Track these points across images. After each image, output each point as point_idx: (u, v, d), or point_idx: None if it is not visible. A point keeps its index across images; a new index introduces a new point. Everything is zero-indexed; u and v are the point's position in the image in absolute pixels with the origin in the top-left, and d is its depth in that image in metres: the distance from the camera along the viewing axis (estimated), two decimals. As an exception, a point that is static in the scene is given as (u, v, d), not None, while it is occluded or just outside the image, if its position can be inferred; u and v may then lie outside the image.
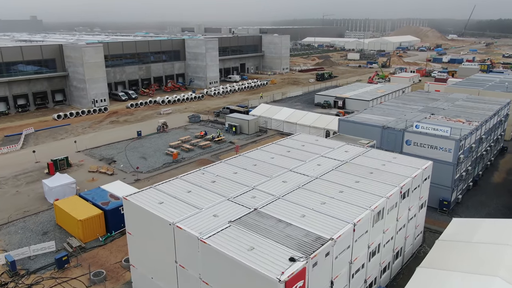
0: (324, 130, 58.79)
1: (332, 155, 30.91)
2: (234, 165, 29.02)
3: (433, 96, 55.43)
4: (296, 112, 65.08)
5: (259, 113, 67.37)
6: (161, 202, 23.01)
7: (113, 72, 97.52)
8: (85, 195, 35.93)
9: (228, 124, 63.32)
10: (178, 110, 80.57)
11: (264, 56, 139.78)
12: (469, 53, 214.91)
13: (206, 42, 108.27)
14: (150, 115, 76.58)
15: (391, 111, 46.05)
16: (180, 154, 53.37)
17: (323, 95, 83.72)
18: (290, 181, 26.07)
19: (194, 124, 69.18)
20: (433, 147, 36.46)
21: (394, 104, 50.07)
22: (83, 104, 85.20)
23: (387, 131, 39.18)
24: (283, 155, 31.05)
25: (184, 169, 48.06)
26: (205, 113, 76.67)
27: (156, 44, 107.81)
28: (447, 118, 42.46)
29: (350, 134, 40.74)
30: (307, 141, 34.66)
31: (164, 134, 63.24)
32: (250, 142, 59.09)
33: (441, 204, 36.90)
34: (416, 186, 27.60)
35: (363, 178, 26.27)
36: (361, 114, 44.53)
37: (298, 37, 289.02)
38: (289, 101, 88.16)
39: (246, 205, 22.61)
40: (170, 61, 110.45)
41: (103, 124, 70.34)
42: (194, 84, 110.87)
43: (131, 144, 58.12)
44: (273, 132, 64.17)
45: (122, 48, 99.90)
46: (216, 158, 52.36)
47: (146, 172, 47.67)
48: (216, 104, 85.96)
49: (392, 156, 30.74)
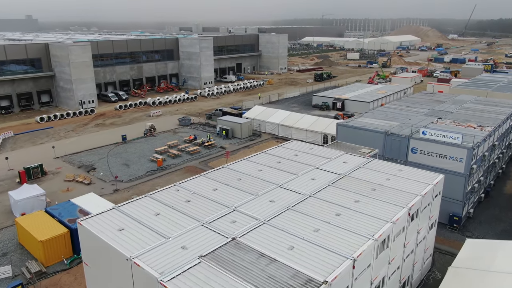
0: (322, 134, 54.89)
1: (328, 167, 27.00)
2: (214, 180, 25.11)
3: (439, 98, 51.54)
4: (292, 115, 61.18)
5: (252, 116, 63.47)
6: (121, 229, 19.11)
7: (103, 72, 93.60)
8: (52, 210, 32.00)
9: (219, 128, 59.40)
10: (169, 112, 76.65)
11: (261, 56, 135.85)
12: (471, 52, 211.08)
13: (200, 41, 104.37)
14: (139, 118, 72.66)
15: (394, 115, 42.16)
16: (166, 160, 49.46)
17: (321, 96, 79.84)
18: (278, 200, 22.16)
19: (184, 127, 65.26)
20: (442, 156, 32.56)
21: (397, 107, 46.17)
22: (70, 106, 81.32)
23: (390, 137, 35.29)
24: (272, 167, 27.14)
25: (169, 178, 44.22)
26: (197, 116, 72.77)
27: (149, 43, 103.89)
28: (456, 122, 38.57)
29: (350, 140, 36.89)
30: (300, 149, 30.76)
31: (151, 138, 59.30)
32: (242, 147, 55.19)
33: (451, 220, 33.01)
34: (426, 205, 23.71)
35: (364, 197, 22.37)
36: (361, 118, 40.63)
37: (297, 36, 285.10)
38: (285, 103, 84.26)
39: (224, 232, 18.71)
40: (163, 61, 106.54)
41: (87, 127, 66.40)
42: (188, 85, 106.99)
43: (114, 149, 54.19)
44: (268, 136, 60.27)
45: (112, 47, 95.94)
46: (204, 165, 48.46)
47: (127, 181, 43.74)
48: (209, 106, 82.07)
49: (397, 168, 26.82)
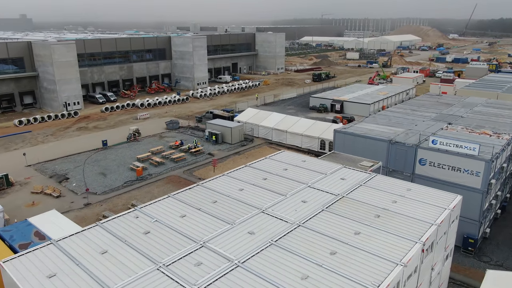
0: (318, 140, 50.55)
1: (323, 185, 22.65)
2: (185, 203, 20.79)
3: (446, 100, 47.22)
4: (287, 118, 56.82)
5: (245, 119, 59.11)
6: (52, 275, 14.77)
7: (91, 72, 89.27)
8: (3, 232, 27.57)
9: (208, 132, 55.05)
10: (158, 115, 72.29)
11: (257, 55, 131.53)
12: (473, 52, 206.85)
13: (193, 39, 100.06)
14: (125, 120, 68.30)
15: (398, 120, 37.81)
16: (148, 169, 45.10)
17: (319, 97, 75.51)
18: (259, 231, 17.81)
19: (172, 131, 60.89)
20: (455, 169, 28.23)
21: (402, 111, 41.82)
22: (54, 108, 77.06)
23: (395, 147, 30.95)
24: (256, 186, 22.78)
25: (148, 190, 39.88)
26: (187, 118, 68.43)
27: (139, 41, 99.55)
28: (468, 129, 34.23)
29: (349, 149, 32.59)
30: (291, 162, 26.38)
31: (135, 143, 54.95)
32: (233, 153, 50.84)
33: (466, 242, 28.69)
34: (442, 234, 19.39)
35: (366, 227, 18.03)
36: (361, 124, 36.28)
37: (295, 36, 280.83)
38: (281, 104, 79.95)
39: (183, 281, 14.37)
40: (155, 60, 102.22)
41: (68, 131, 62.03)
42: (180, 85, 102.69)
43: (93, 156, 49.84)
44: (260, 141, 55.91)
45: (101, 46, 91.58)
46: (189, 174, 44.11)
47: (101, 193, 39.37)
48: (201, 108, 77.74)
49: (404, 187, 22.47)
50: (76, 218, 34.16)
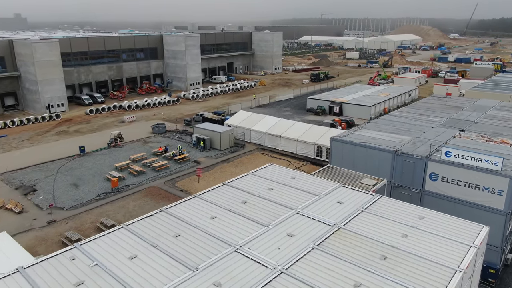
0: (315, 146, 46.24)
1: (315, 211, 18.37)
2: (136, 235, 16.38)
3: (455, 103, 42.92)
4: (281, 122, 52.49)
5: (236, 123, 54.80)
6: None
7: (77, 72, 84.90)
8: None
9: (195, 137, 50.73)
10: (145, 117, 67.97)
11: (254, 55, 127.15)
12: (475, 52, 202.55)
13: (186, 38, 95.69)
14: (110, 124, 63.97)
15: (404, 126, 33.51)
16: (126, 179, 40.79)
17: (316, 99, 71.17)
18: (228, 281, 13.52)
19: (158, 135, 56.57)
20: (473, 186, 23.94)
21: (407, 115, 37.52)
22: (37, 110, 72.73)
23: (401, 158, 26.65)
24: (233, 212, 18.48)
25: (122, 204, 35.58)
26: (176, 121, 64.11)
27: (129, 40, 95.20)
28: (484, 137, 29.94)
29: (347, 160, 28.36)
30: (279, 179, 22.10)
31: (116, 149, 50.64)
32: (221, 161, 46.51)
33: (485, 273, 24.36)
34: (467, 279, 15.11)
35: (369, 276, 13.74)
36: (362, 131, 31.98)
37: (294, 36, 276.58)
38: (277, 106, 75.63)
39: None
40: (146, 60, 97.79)
41: (47, 135, 57.70)
42: (172, 86, 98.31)
43: (68, 164, 45.52)
44: (252, 146, 51.58)
45: (88, 45, 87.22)
46: (171, 185, 39.79)
47: (70, 208, 35.04)
48: (192, 110, 73.43)
49: (416, 213, 18.19)
50: (35, 239, 29.90)
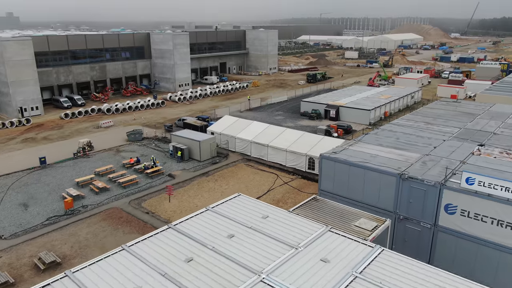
0: (306, 158, 40.52)
1: (289, 279, 12.69)
2: None
3: (467, 109, 37.23)
4: (270, 129, 46.77)
5: (220, 129, 49.10)
6: None
7: (56, 73, 79.14)
8: None
9: (172, 147, 45.02)
10: (124, 122, 62.24)
11: (248, 54, 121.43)
12: (478, 51, 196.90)
13: (173, 36, 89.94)
14: (84, 129, 58.27)
15: (409, 138, 27.82)
16: (85, 198, 35.08)
17: (311, 102, 65.44)
18: None
19: (133, 143, 50.87)
20: (503, 224, 18.28)
21: (413, 124, 31.82)
22: (9, 113, 67.14)
23: (408, 184, 20.99)
24: (168, 278, 12.77)
25: (74, 230, 29.88)
26: (157, 127, 58.41)
27: (113, 38, 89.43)
28: (510, 153, 24.26)
29: (340, 183, 22.77)
30: (245, 220, 16.40)
31: (83, 160, 44.94)
32: (199, 174, 40.76)
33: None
34: None
35: None
36: (358, 145, 26.27)
37: (292, 35, 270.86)
38: (269, 110, 69.94)
39: None
40: (132, 60, 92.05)
41: (11, 143, 51.96)
42: (160, 87, 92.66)
43: (24, 178, 39.80)
44: (237, 156, 45.86)
45: (67, 43, 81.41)
46: (136, 205, 34.08)
47: (10, 236, 29.24)
48: (177, 114, 67.72)
49: (434, 281, 12.52)
50: (-45, 280, 24.17)
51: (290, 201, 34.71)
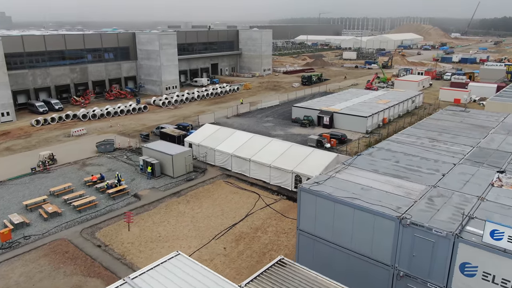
0: (292, 175, 35.33)
1: None
2: None
3: (477, 120, 32.06)
4: (254, 140, 41.54)
5: (198, 140, 43.90)
6: None
7: (32, 75, 73.98)
8: None
9: (142, 161, 39.82)
10: (99, 130, 57.05)
11: (241, 55, 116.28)
12: (480, 51, 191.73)
13: (160, 36, 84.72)
14: (53, 139, 53.08)
15: (411, 161, 22.62)
16: (30, 225, 29.90)
17: (303, 107, 60.22)
18: None
19: (103, 155, 45.68)
20: (544, 298, 13.08)
21: (415, 141, 26.61)
22: (-22, 119, 62.00)
23: (411, 232, 15.81)
24: None
25: (7, 270, 24.74)
26: (132, 136, 53.23)
27: (95, 38, 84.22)
28: (540, 185, 19.08)
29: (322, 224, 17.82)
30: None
31: (42, 175, 39.72)
32: (170, 194, 35.53)
33: None
34: None
35: None
36: (348, 172, 21.06)
37: (290, 35, 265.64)
38: (258, 115, 64.77)
39: None
40: (116, 61, 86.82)
41: (-33, 155, 46.80)
42: (146, 90, 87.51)
43: (-32, 199, 34.63)
44: (216, 172, 40.63)
45: (45, 44, 76.18)
46: (89, 235, 28.88)
47: None
48: (158, 120, 62.58)
49: None
50: None
51: (271, 229, 29.54)
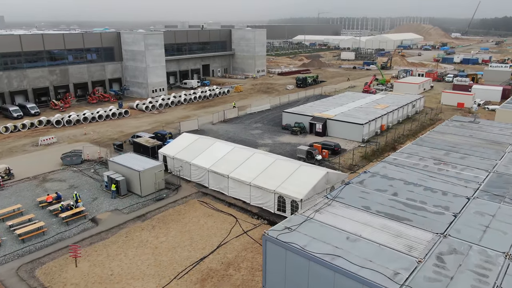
0: (275, 196, 30.60)
1: None
2: None
3: (489, 134, 27.36)
4: (235, 152, 36.83)
5: (173, 152, 39.18)
6: None
7: (7, 77, 69.34)
8: None
9: (106, 177, 35.10)
10: (72, 138, 52.37)
11: (234, 56, 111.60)
12: (481, 52, 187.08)
13: (145, 36, 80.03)
14: (19, 148, 48.39)
15: (413, 193, 17.92)
16: (-40, 260, 25.18)
17: (294, 113, 55.53)
18: None
19: (69, 168, 40.96)
20: None
21: (418, 163, 21.90)
22: None
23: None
24: None
25: None
26: (107, 145, 48.54)
27: (76, 38, 79.46)
28: None
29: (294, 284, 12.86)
30: None
31: (-6, 194, 35.05)
32: (133, 218, 30.77)
33: None
34: None
35: None
36: (329, 211, 16.32)
37: (287, 35, 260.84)
38: (247, 121, 60.08)
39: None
40: (100, 62, 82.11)
41: None
42: (132, 93, 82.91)
43: None
44: (191, 189, 35.90)
45: (21, 44, 71.45)
46: (28, 273, 24.14)
47: None
48: (138, 127, 57.91)
49: None
50: None
51: (245, 265, 24.83)
